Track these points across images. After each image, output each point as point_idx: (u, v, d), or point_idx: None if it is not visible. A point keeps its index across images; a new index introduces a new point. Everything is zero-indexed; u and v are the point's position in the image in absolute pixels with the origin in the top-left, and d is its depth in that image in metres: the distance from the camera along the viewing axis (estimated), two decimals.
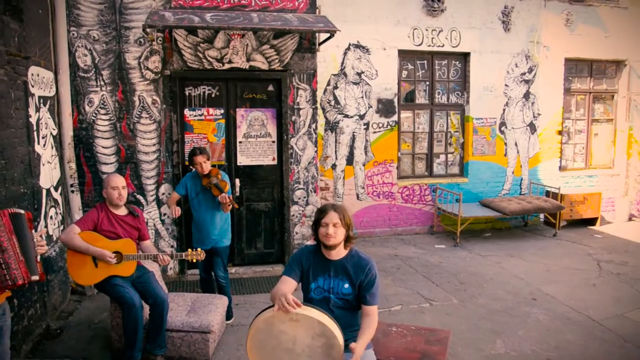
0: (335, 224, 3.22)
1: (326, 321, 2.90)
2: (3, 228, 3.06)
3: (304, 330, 2.92)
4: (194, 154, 5.33)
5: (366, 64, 9.03)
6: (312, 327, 2.91)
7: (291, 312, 2.86)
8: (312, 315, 2.89)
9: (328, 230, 3.21)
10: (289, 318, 2.91)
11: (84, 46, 6.41)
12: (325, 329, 2.89)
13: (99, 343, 5.27)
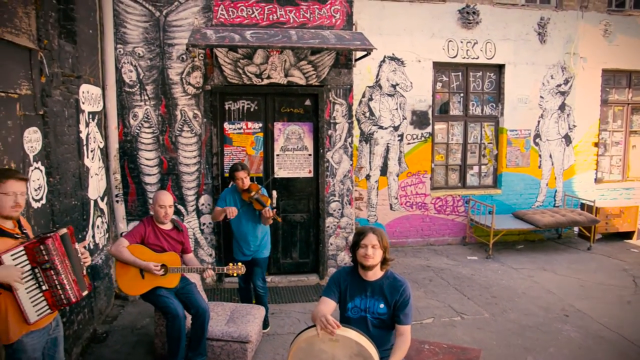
0: (373, 246, 3.39)
1: (363, 342, 3.07)
2: (56, 252, 3.23)
3: (342, 350, 3.09)
4: (235, 170, 5.52)
5: (401, 76, 9.14)
6: (350, 347, 3.08)
7: (332, 332, 3.04)
8: (351, 336, 3.07)
9: (367, 252, 3.38)
10: (329, 338, 3.08)
11: (129, 62, 6.69)
12: (363, 349, 3.06)
13: (142, 348, 5.52)
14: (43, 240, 3.19)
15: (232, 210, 5.43)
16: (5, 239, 3.16)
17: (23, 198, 3.25)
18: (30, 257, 3.16)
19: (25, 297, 3.12)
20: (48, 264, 3.18)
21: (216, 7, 6.79)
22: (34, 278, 3.18)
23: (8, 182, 3.16)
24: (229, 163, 7.08)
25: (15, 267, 3.05)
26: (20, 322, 3.15)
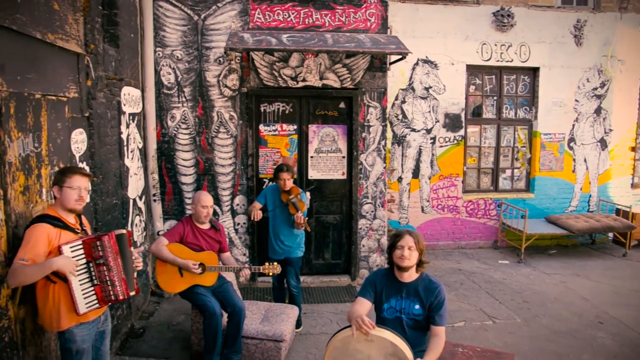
0: (410, 247, 3.46)
1: (398, 342, 3.14)
2: (110, 249, 3.43)
3: (377, 350, 3.16)
4: (280, 170, 5.63)
5: (434, 79, 9.14)
6: (385, 347, 3.15)
7: (367, 332, 3.11)
8: (386, 337, 3.14)
9: (403, 253, 3.45)
10: (364, 338, 3.16)
11: (168, 65, 6.84)
12: (397, 349, 3.13)
13: (178, 344, 5.65)
14: (100, 237, 3.39)
15: (257, 214, 5.64)
16: (67, 232, 3.39)
17: (86, 193, 3.50)
18: (86, 251, 3.36)
19: (78, 289, 3.31)
20: (102, 259, 3.37)
21: (253, 11, 6.90)
22: (88, 272, 3.38)
23: (74, 177, 3.41)
24: (263, 164, 7.19)
25: (72, 259, 3.24)
26: (70, 312, 3.34)
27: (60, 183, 3.41)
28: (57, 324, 3.36)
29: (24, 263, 3.12)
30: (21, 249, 3.18)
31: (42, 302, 3.38)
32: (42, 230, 3.24)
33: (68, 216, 3.47)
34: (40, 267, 3.12)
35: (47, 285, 3.32)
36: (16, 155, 3.38)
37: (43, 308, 3.39)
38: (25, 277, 3.13)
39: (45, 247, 3.23)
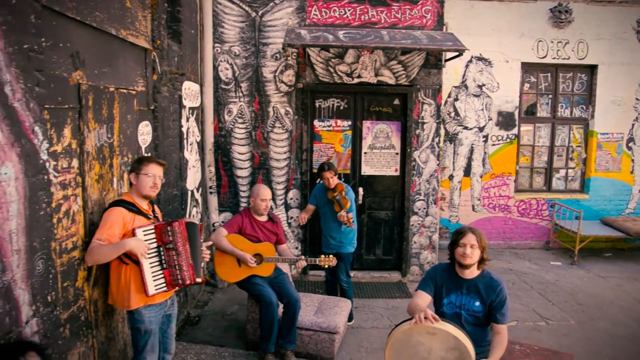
0: (472, 245, 3.46)
1: (460, 336, 3.15)
2: (180, 235, 3.60)
3: (439, 343, 3.19)
4: (322, 170, 5.70)
5: (488, 77, 9.05)
6: (447, 341, 3.17)
7: (430, 325, 3.14)
8: (448, 330, 3.16)
9: (465, 251, 3.46)
10: (427, 331, 3.19)
11: (226, 61, 7.00)
12: (460, 343, 3.14)
13: (233, 333, 5.80)
14: (170, 223, 3.59)
15: (302, 217, 5.85)
16: (141, 217, 3.59)
17: (160, 181, 3.70)
18: (157, 235, 3.55)
19: (148, 271, 3.49)
20: (171, 244, 3.55)
21: (309, 7, 6.99)
22: (158, 256, 3.56)
23: (150, 165, 3.64)
24: (317, 159, 7.28)
25: (144, 242, 3.43)
26: (140, 292, 3.53)
27: (137, 170, 3.62)
28: (128, 303, 3.55)
29: (100, 243, 3.32)
30: (98, 230, 3.38)
31: (114, 282, 3.59)
32: (118, 214, 3.45)
33: (142, 202, 3.67)
34: (114, 247, 3.32)
35: (119, 266, 3.52)
36: (93, 145, 3.55)
37: (115, 288, 3.59)
38: (100, 256, 3.32)
39: (120, 229, 3.42)
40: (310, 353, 5.23)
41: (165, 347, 4.01)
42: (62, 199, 3.13)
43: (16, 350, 2.24)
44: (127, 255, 3.46)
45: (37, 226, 2.79)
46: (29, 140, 2.68)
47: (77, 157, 3.33)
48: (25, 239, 2.68)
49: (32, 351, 2.26)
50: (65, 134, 3.16)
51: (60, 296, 3.12)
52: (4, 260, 2.49)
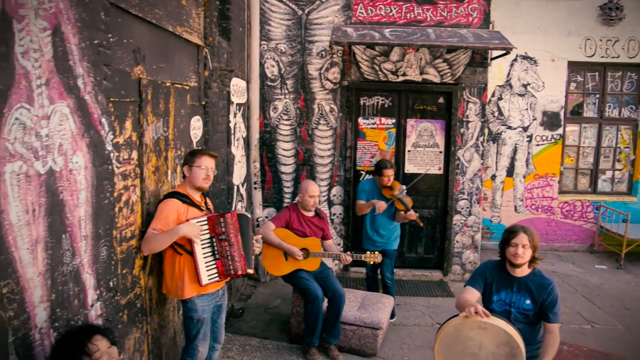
0: (524, 245, 3.45)
1: (512, 332, 3.14)
2: (232, 226, 3.69)
3: (490, 338, 3.18)
4: (384, 167, 5.61)
5: (533, 76, 8.94)
6: (498, 336, 3.16)
7: (481, 320, 3.14)
8: (500, 325, 3.15)
9: (517, 251, 3.45)
10: (478, 326, 3.18)
11: (272, 58, 7.10)
12: (511, 339, 3.13)
13: (276, 326, 5.89)
14: (223, 214, 3.69)
15: (381, 205, 5.54)
16: (194, 209, 3.69)
17: (212, 173, 3.80)
18: (210, 226, 3.65)
19: (202, 261, 3.60)
20: (224, 235, 3.64)
21: (355, 5, 7.03)
22: (211, 246, 3.67)
23: (203, 157, 3.73)
24: (361, 157, 7.32)
25: (197, 225, 3.54)
26: (193, 282, 3.63)
27: (190, 163, 3.72)
28: (181, 292, 3.65)
29: (155, 232, 3.43)
30: (153, 220, 3.50)
31: (168, 272, 3.70)
32: (172, 205, 3.56)
33: (195, 194, 3.76)
34: (168, 234, 3.42)
35: (174, 256, 3.63)
36: (150, 137, 3.67)
37: (169, 277, 3.70)
38: (155, 244, 3.44)
39: (174, 220, 3.53)
40: (353, 348, 5.28)
41: (215, 336, 4.11)
42: (123, 189, 3.26)
43: (82, 335, 2.31)
44: (180, 246, 3.57)
45: (102, 214, 2.91)
46: (97, 132, 2.80)
47: (136, 149, 3.46)
48: (92, 226, 2.80)
49: (97, 335, 2.34)
50: (127, 127, 3.28)
51: (120, 283, 3.24)
52: (74, 245, 2.61)
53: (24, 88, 2.16)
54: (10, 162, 2.08)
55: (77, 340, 2.29)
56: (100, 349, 2.29)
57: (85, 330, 2.38)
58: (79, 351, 2.24)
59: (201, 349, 3.86)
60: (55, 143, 2.40)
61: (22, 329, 2.21)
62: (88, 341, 2.28)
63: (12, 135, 2.09)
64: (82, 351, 2.25)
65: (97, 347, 2.28)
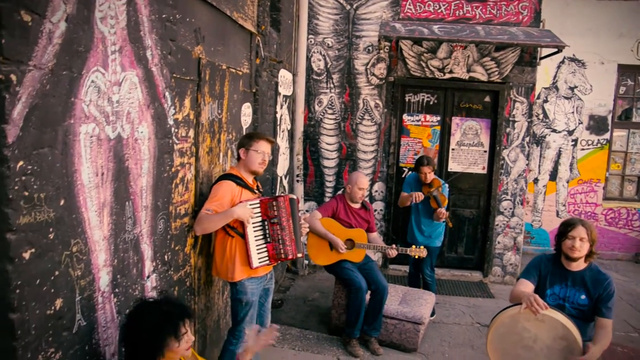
0: (582, 239, 3.36)
1: (570, 326, 3.07)
2: (284, 210, 3.69)
3: (546, 331, 3.11)
4: (421, 164, 5.61)
5: (580, 78, 8.77)
6: (556, 329, 3.09)
7: (539, 312, 3.08)
8: (558, 318, 3.08)
9: (575, 244, 3.36)
10: (535, 317, 3.12)
11: (319, 52, 7.12)
12: (568, 333, 3.06)
13: (315, 318, 5.88)
14: (276, 198, 3.69)
15: (418, 195, 5.53)
16: (247, 191, 3.70)
17: (268, 158, 3.79)
18: (263, 210, 3.66)
19: (253, 244, 3.61)
20: (276, 219, 3.64)
21: (404, 1, 7.00)
22: (262, 229, 3.67)
23: (260, 141, 3.71)
24: (404, 154, 7.29)
25: (249, 208, 3.54)
26: (244, 265, 3.64)
27: (247, 146, 3.70)
28: (232, 274, 3.66)
29: (208, 213, 3.44)
30: (207, 201, 3.51)
31: (219, 253, 3.71)
32: (227, 186, 3.57)
33: (248, 177, 3.76)
34: (222, 215, 3.43)
35: (225, 238, 3.64)
36: (206, 118, 3.71)
37: (220, 259, 3.71)
38: (209, 224, 3.46)
39: (228, 201, 3.53)
40: (394, 342, 5.24)
41: (262, 320, 4.11)
42: (179, 165, 3.30)
43: (177, 316, 2.31)
44: (232, 228, 3.58)
45: (161, 187, 2.96)
46: (161, 104, 2.84)
47: (193, 128, 3.50)
48: (152, 197, 2.84)
49: (188, 319, 2.35)
50: (186, 104, 3.33)
51: (173, 258, 3.28)
52: (135, 214, 2.66)
53: (100, 52, 2.22)
54: (85, 124, 2.13)
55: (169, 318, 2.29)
56: (188, 332, 2.32)
57: (178, 310, 2.36)
58: (169, 330, 2.25)
59: (247, 332, 3.87)
60: (124, 110, 2.45)
61: (87, 289, 2.26)
62: (182, 323, 2.29)
63: (87, 97, 2.14)
64: (172, 331, 2.25)
65: (187, 331, 2.30)
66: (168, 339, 2.25)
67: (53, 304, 2.02)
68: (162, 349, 2.25)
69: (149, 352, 2.25)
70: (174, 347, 2.26)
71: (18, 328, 1.84)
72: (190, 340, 2.34)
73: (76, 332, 2.19)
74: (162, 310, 2.32)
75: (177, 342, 2.25)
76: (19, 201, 1.79)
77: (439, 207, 5.52)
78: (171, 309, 2.35)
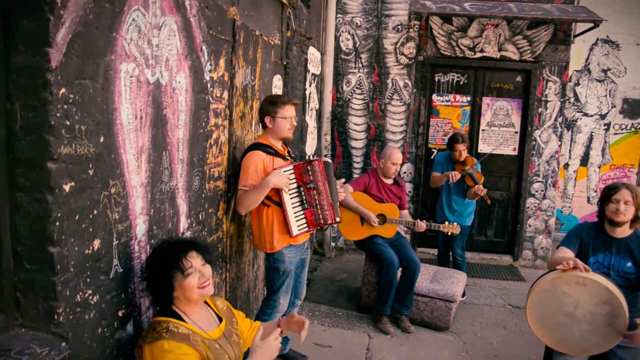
0: (626, 202, 3.22)
1: (614, 290, 2.92)
2: (320, 174, 3.59)
3: (588, 296, 2.97)
4: (455, 141, 5.49)
5: (614, 61, 8.54)
6: (599, 294, 2.94)
7: (580, 274, 2.96)
8: (601, 282, 2.93)
9: (619, 207, 3.22)
10: (576, 281, 2.97)
11: (347, 31, 7.04)
12: (613, 297, 2.91)
13: (343, 297, 5.82)
14: (310, 162, 3.59)
15: (454, 175, 5.40)
16: (279, 159, 3.60)
17: (296, 121, 3.69)
18: (297, 175, 3.56)
19: (291, 211, 3.53)
20: (312, 184, 3.55)
21: None
22: (299, 196, 3.58)
23: (286, 107, 3.58)
24: (434, 134, 7.18)
25: (284, 174, 3.45)
26: (283, 234, 3.56)
27: (272, 114, 3.56)
28: (271, 245, 3.59)
29: (246, 189, 3.38)
30: (241, 177, 3.45)
31: (257, 225, 3.64)
32: (258, 157, 3.46)
33: (277, 144, 3.66)
34: (259, 189, 3.36)
35: (261, 209, 3.55)
36: (240, 82, 3.66)
37: (258, 231, 3.64)
38: (250, 202, 3.40)
39: (261, 172, 3.44)
40: (425, 320, 5.16)
41: (297, 292, 4.05)
42: (214, 126, 3.25)
43: (178, 249, 2.25)
44: (268, 197, 3.48)
45: (197, 143, 2.91)
46: (198, 57, 2.79)
47: (227, 90, 3.45)
48: (188, 152, 2.79)
49: (193, 251, 2.28)
50: (221, 64, 3.27)
51: (207, 220, 3.23)
52: (172, 165, 2.61)
53: None
54: (125, 62, 2.09)
55: (172, 253, 2.24)
56: (194, 265, 2.25)
57: (182, 244, 2.31)
58: (173, 265, 2.20)
59: (282, 302, 3.80)
60: (163, 56, 2.40)
61: (124, 235, 2.21)
62: (183, 256, 2.24)
63: (129, 35, 2.09)
64: (176, 265, 2.20)
65: (190, 263, 2.23)
66: (174, 272, 2.19)
67: (91, 243, 1.98)
68: (172, 283, 2.19)
69: (162, 289, 2.21)
70: (182, 281, 2.19)
71: (57, 262, 1.80)
72: (203, 276, 2.26)
73: (113, 278, 2.15)
74: (170, 244, 2.31)
75: (183, 275, 2.19)
76: (61, 129, 1.75)
77: (476, 184, 5.40)
78: (178, 242, 2.34)
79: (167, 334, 2.10)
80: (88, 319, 1.99)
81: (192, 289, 2.21)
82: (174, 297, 2.24)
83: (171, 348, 2.07)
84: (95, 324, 2.04)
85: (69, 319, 1.88)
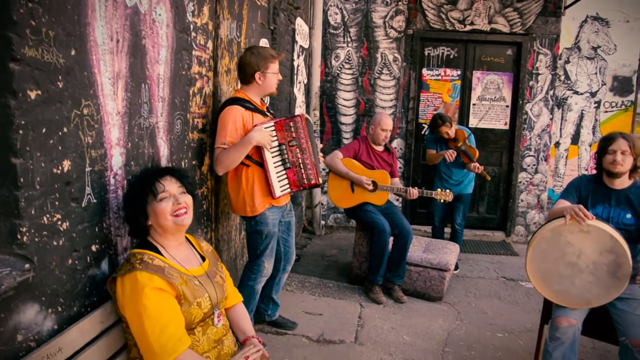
0: (623, 152, 3.12)
1: (618, 238, 2.82)
2: (302, 131, 3.39)
3: (592, 244, 2.86)
4: (436, 126, 5.28)
5: (604, 38, 8.48)
6: (603, 242, 2.84)
7: (584, 222, 2.85)
8: (605, 229, 2.83)
9: (616, 157, 3.11)
10: (579, 229, 2.86)
11: (335, 5, 6.92)
12: (617, 245, 2.81)
13: (334, 271, 5.72)
14: (292, 118, 3.38)
15: (451, 154, 5.26)
16: (258, 114, 3.37)
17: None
18: (279, 132, 3.35)
19: (273, 171, 3.33)
20: (294, 141, 3.36)
21: None
22: (280, 154, 3.37)
23: (276, 61, 3.40)
24: (424, 109, 7.07)
25: (267, 131, 3.24)
26: (265, 196, 3.37)
27: (263, 69, 3.34)
28: (252, 208, 3.38)
29: (224, 147, 3.16)
30: (218, 134, 3.20)
31: (234, 188, 3.42)
32: (236, 112, 3.22)
33: (257, 99, 3.43)
34: (240, 146, 3.13)
35: (239, 169, 3.33)
36: (225, 34, 3.53)
37: (236, 194, 3.41)
38: (230, 161, 3.17)
39: (240, 128, 3.22)
40: (418, 291, 5.04)
41: (287, 257, 3.89)
42: (197, 75, 3.12)
43: (154, 174, 2.14)
44: (247, 157, 3.25)
45: (179, 84, 2.79)
46: None
47: (212, 40, 3.32)
48: (169, 91, 2.67)
49: (168, 175, 2.15)
50: (204, 12, 3.14)
51: (190, 172, 3.10)
52: (152, 102, 2.49)
53: None
54: None
55: (147, 177, 2.13)
56: (168, 190, 2.11)
57: (158, 170, 2.19)
58: (146, 188, 2.09)
59: (267, 265, 3.62)
60: None
61: (99, 164, 2.08)
62: (157, 180, 2.11)
63: None
64: (149, 189, 2.08)
65: (163, 187, 2.10)
66: (147, 196, 2.09)
67: (60, 163, 1.84)
68: (145, 209, 2.09)
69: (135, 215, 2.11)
70: (155, 206, 2.08)
71: (21, 175, 1.66)
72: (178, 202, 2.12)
73: (85, 208, 2.02)
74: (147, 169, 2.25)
75: (155, 199, 2.08)
76: (25, 28, 1.62)
77: (472, 161, 5.28)
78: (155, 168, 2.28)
79: (140, 264, 1.98)
80: (56, 245, 1.86)
81: (165, 215, 2.08)
82: (149, 227, 2.12)
83: (143, 280, 1.93)
84: (65, 252, 1.91)
85: (35, 241, 1.74)
